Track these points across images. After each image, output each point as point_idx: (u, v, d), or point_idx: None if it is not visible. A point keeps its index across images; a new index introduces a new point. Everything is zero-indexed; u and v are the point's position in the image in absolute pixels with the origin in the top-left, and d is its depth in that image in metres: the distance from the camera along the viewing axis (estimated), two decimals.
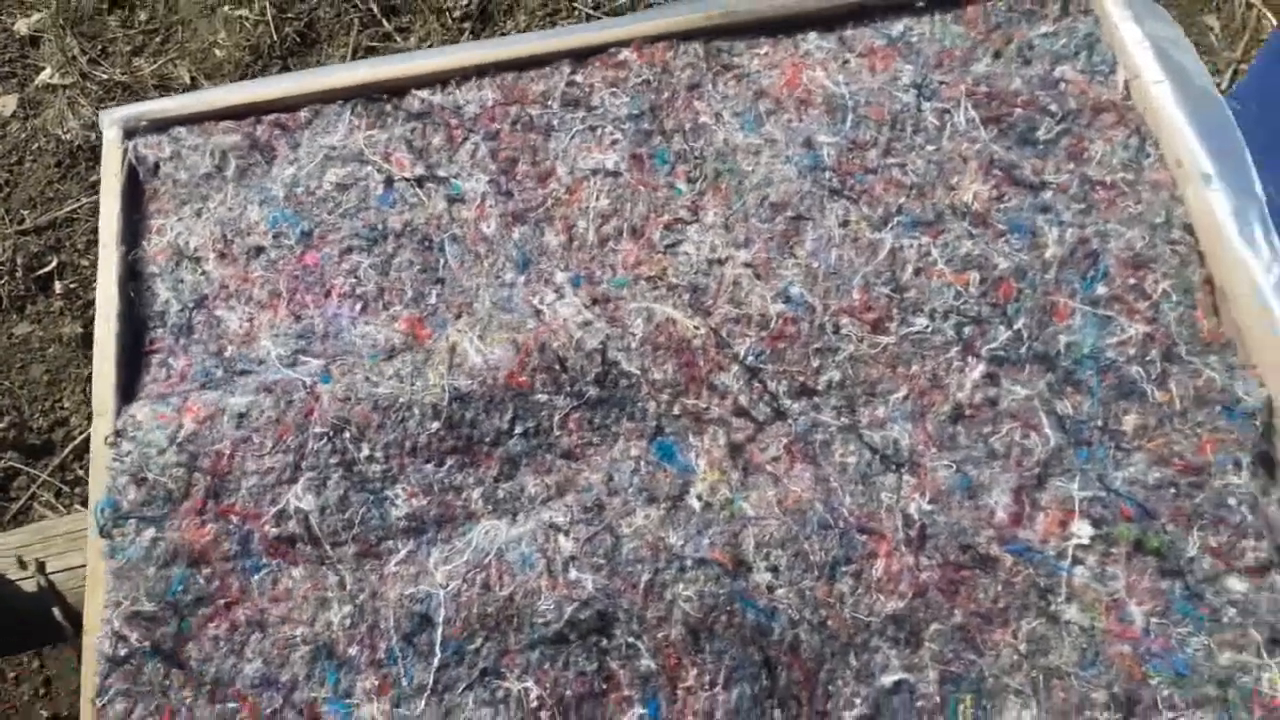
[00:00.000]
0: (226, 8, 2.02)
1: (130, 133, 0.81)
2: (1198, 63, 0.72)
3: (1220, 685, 0.58)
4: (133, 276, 0.77)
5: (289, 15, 2.00)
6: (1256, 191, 0.68)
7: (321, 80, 0.82)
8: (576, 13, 1.75)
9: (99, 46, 1.93)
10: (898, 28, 0.78)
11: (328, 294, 0.73)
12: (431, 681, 0.61)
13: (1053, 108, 0.73)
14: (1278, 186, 1.07)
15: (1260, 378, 0.63)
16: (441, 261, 0.73)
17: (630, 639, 0.60)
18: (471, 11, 1.93)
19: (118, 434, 0.69)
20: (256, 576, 0.66)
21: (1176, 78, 0.72)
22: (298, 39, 1.95)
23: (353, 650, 0.63)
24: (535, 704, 0.60)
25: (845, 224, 0.70)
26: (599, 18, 1.68)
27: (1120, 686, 0.58)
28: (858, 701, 0.60)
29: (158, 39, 2.00)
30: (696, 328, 0.67)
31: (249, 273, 0.76)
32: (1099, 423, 0.63)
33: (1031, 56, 0.76)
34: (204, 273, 0.76)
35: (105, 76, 1.88)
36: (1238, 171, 0.68)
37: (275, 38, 1.94)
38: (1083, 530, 0.60)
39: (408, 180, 0.77)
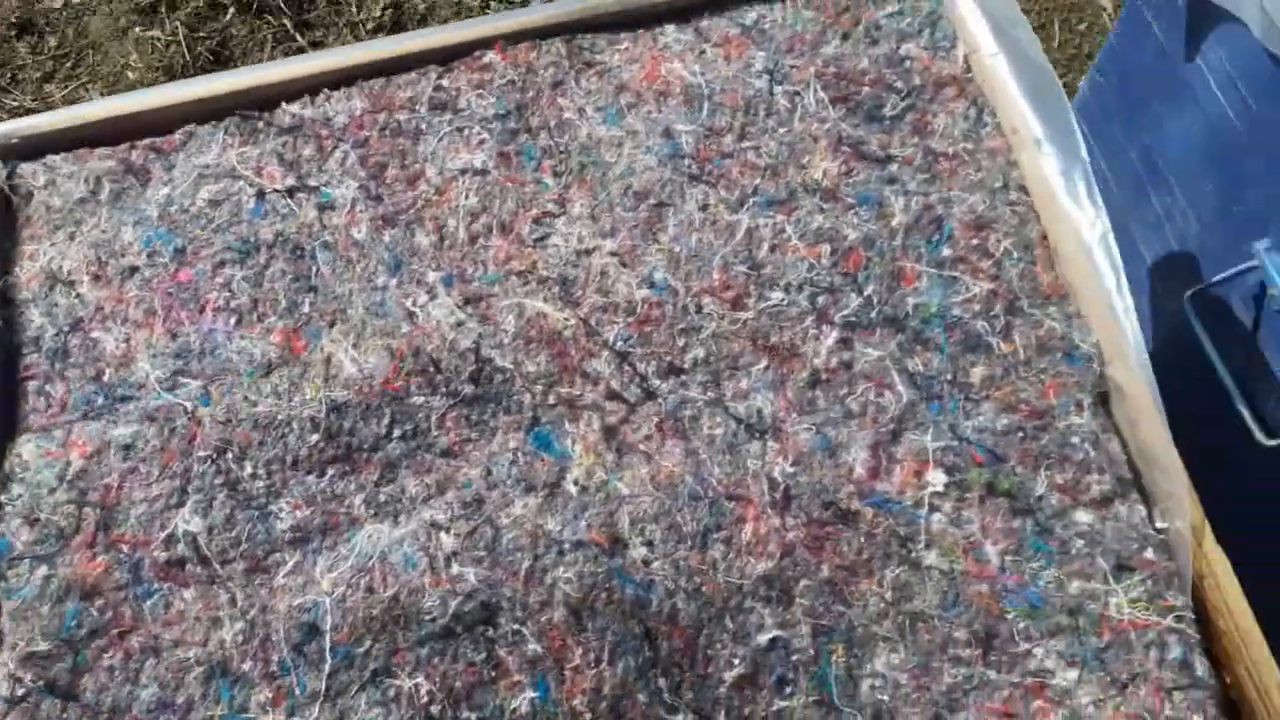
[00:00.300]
0: (138, 29, 2.00)
1: (4, 156, 0.81)
2: (1031, 36, 0.76)
3: (1071, 613, 0.61)
4: (4, 304, 0.76)
5: (201, 34, 1.98)
6: (1081, 154, 0.72)
7: (191, 90, 0.82)
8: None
9: (8, 74, 1.89)
10: (751, 16, 0.81)
11: (202, 309, 0.74)
12: (324, 688, 0.62)
13: (898, 84, 0.77)
14: (1140, 149, 1.13)
15: (1089, 325, 0.68)
16: (314, 270, 0.74)
17: (515, 626, 0.62)
18: (384, 23, 1.93)
19: (6, 478, 0.69)
20: (149, 602, 0.66)
21: (1011, 51, 0.76)
22: (211, 58, 1.93)
23: (246, 665, 0.63)
24: (426, 698, 0.61)
25: (704, 208, 0.73)
26: None
27: (980, 623, 0.62)
28: (736, 661, 0.62)
29: (68, 64, 1.96)
30: (567, 319, 0.69)
31: (124, 293, 0.76)
32: (948, 376, 0.67)
33: (878, 36, 0.79)
34: (78, 295, 0.76)
35: (15, 104, 1.84)
36: (1065, 136, 0.72)
37: (188, 57, 1.92)
38: (937, 479, 0.64)
39: (279, 191, 0.77)
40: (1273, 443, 0.91)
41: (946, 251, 0.70)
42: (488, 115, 0.77)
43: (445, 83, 0.79)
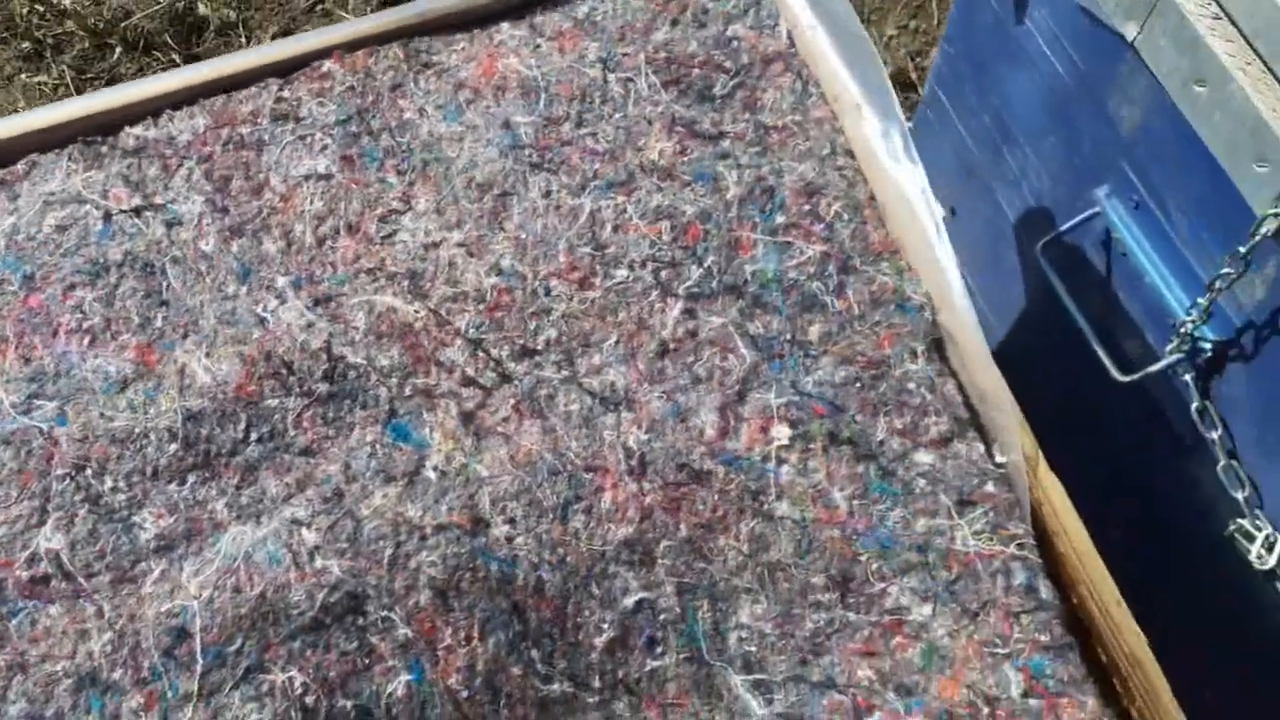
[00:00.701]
0: (24, 76, 1.95)
1: None
2: (846, 6, 0.80)
3: (920, 550, 0.65)
4: None
5: (89, 75, 1.95)
6: (897, 114, 0.75)
7: (34, 120, 0.82)
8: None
9: None
10: (583, 9, 0.83)
11: (55, 333, 0.73)
12: (197, 689, 0.62)
13: (727, 64, 0.80)
14: (991, 111, 1.18)
15: (918, 276, 0.71)
16: (164, 285, 0.74)
17: (384, 612, 0.63)
18: None
19: None
20: (14, 621, 0.65)
21: (828, 22, 0.80)
22: None
23: (116, 674, 0.63)
24: (301, 690, 0.62)
25: (547, 194, 0.75)
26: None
27: (835, 568, 0.65)
28: (605, 626, 0.64)
29: None
30: (417, 311, 0.70)
31: None
32: (788, 336, 0.70)
33: (705, 20, 0.83)
34: None
35: None
36: (882, 98, 0.76)
37: None
38: (782, 433, 0.66)
39: (125, 212, 0.77)
40: (1127, 378, 0.97)
41: (780, 219, 0.73)
42: (329, 122, 0.78)
43: (286, 94, 0.80)
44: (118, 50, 1.93)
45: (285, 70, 0.81)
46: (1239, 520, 0.92)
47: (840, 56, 0.78)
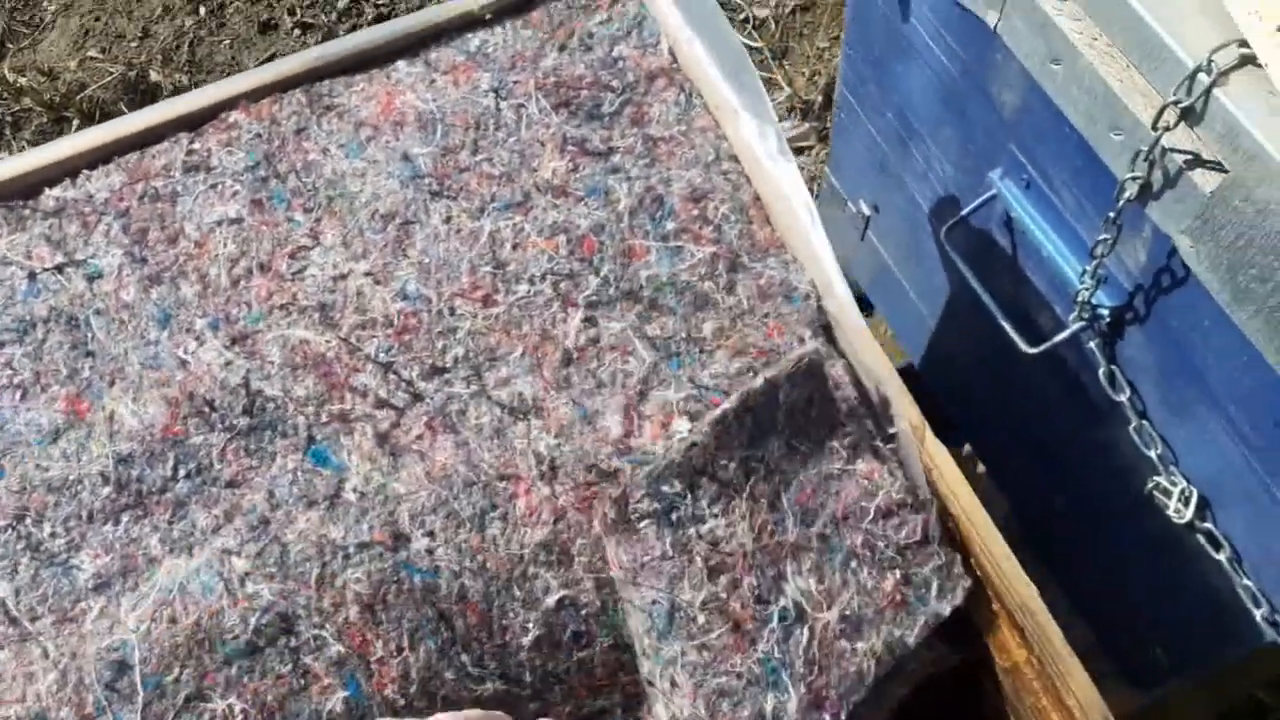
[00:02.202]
0: None
1: None
2: (721, 18, 0.84)
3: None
4: None
5: None
6: (771, 116, 0.80)
7: None
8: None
9: None
10: (475, 42, 0.87)
11: None
12: (139, 719, 0.65)
13: (614, 83, 0.84)
14: (894, 108, 1.23)
15: (802, 267, 0.75)
16: (89, 336, 0.77)
17: (315, 631, 0.66)
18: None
19: None
20: None
21: (706, 34, 0.84)
22: None
23: (63, 713, 0.66)
24: (240, 716, 0.65)
25: (448, 220, 0.78)
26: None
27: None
28: (531, 626, 0.67)
29: None
30: (329, 341, 0.74)
31: None
32: (684, 335, 0.74)
33: (591, 43, 0.87)
34: None
35: None
36: (758, 102, 0.80)
37: None
38: (682, 426, 0.70)
39: (49, 270, 0.80)
40: (1034, 350, 1.01)
41: (670, 225, 0.77)
42: (238, 169, 0.82)
43: (196, 146, 0.84)
44: (75, 122, 1.96)
45: (196, 122, 0.85)
46: (1156, 478, 0.96)
47: (718, 65, 0.82)
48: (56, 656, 0.67)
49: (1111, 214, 0.82)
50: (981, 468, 1.49)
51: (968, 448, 1.51)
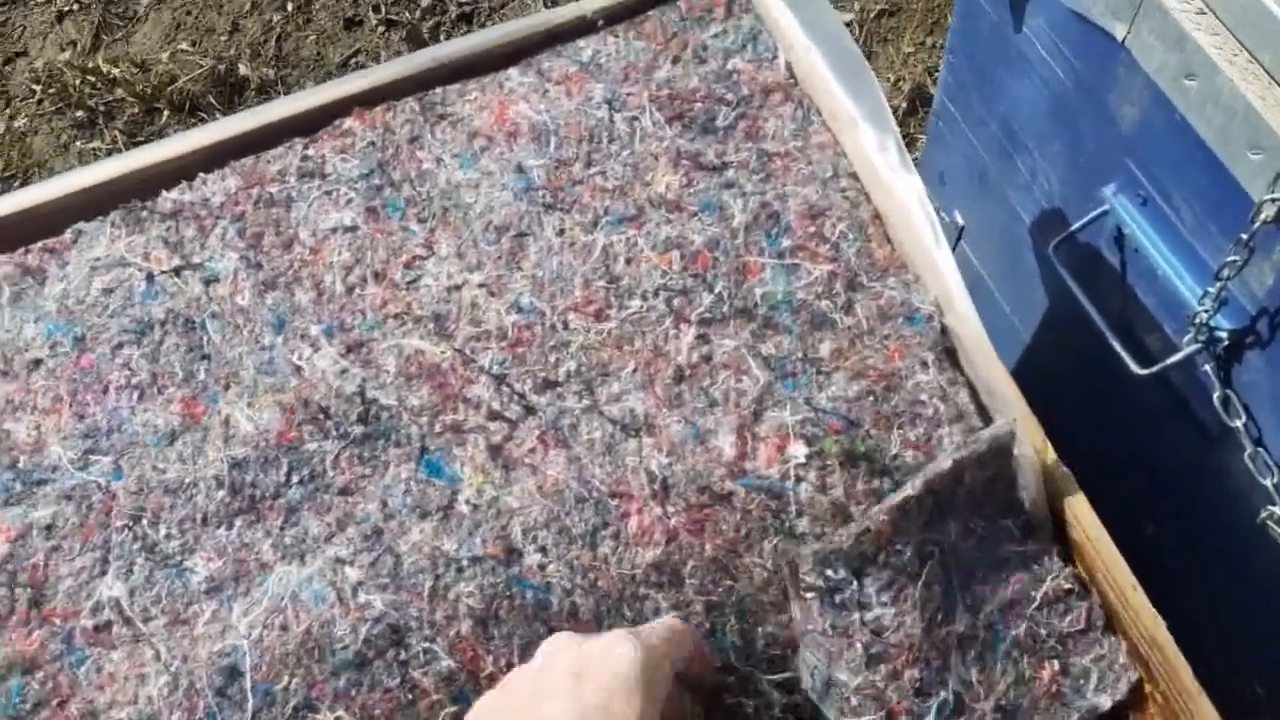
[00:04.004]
0: (79, 143, 2.05)
1: None
2: (839, 25, 0.82)
3: None
4: None
5: (140, 139, 2.04)
6: (892, 126, 0.78)
7: (75, 181, 0.87)
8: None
9: None
10: (587, 53, 0.87)
11: (106, 390, 0.78)
12: None
13: (728, 97, 0.83)
14: (998, 119, 1.20)
15: (925, 287, 0.73)
16: (205, 339, 0.78)
17: (425, 644, 0.66)
18: None
19: None
20: (82, 669, 0.69)
21: (822, 42, 0.82)
22: None
23: (175, 716, 0.67)
24: None
25: (561, 233, 0.78)
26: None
27: None
28: None
29: (16, 184, 2.01)
30: (443, 352, 0.74)
31: (30, 384, 0.79)
32: (799, 355, 0.72)
33: (706, 56, 0.85)
34: None
35: None
36: (877, 112, 0.78)
37: None
38: (799, 451, 0.69)
39: (166, 273, 0.82)
40: (1144, 372, 0.98)
41: (786, 242, 0.76)
42: (353, 176, 0.82)
43: (311, 152, 0.84)
44: (165, 114, 2.02)
45: (305, 123, 0.85)
46: (1270, 507, 0.92)
47: (835, 74, 0.80)
48: (168, 659, 0.68)
49: (1244, 235, 0.79)
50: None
51: None
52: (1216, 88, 0.77)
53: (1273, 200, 0.74)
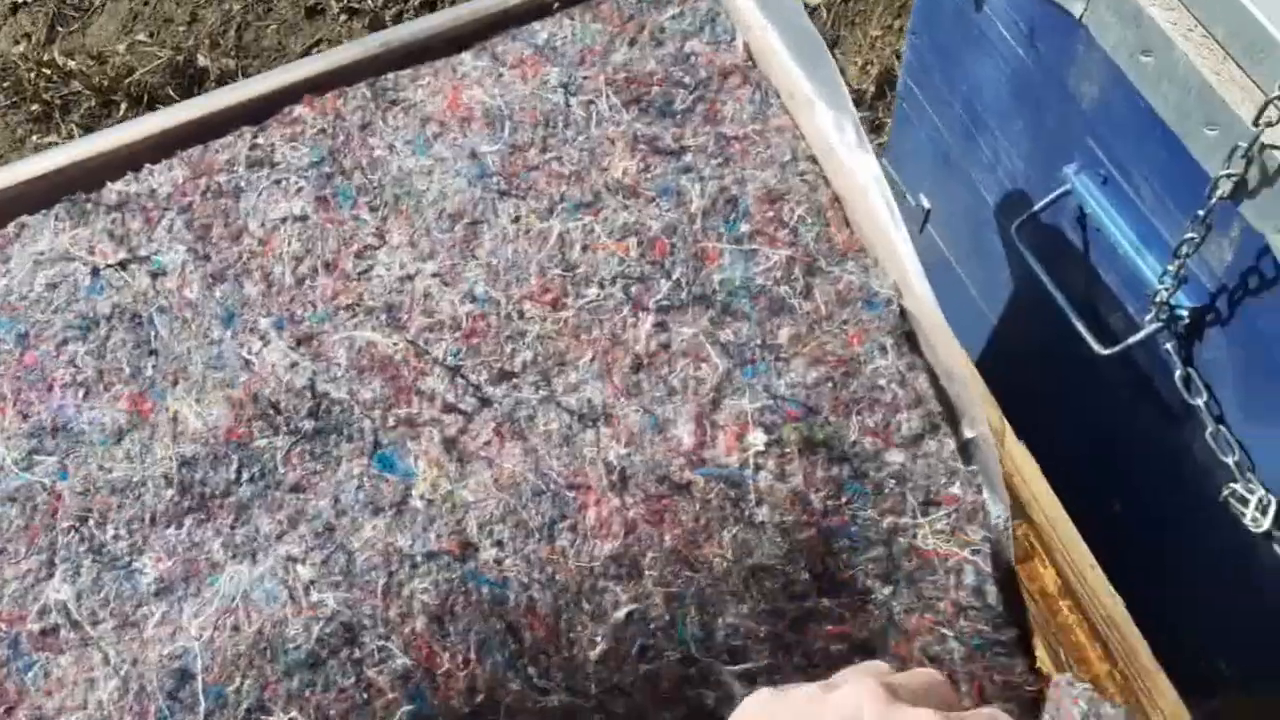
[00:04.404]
0: (35, 138, 2.00)
1: None
2: (797, 5, 0.81)
3: (885, 544, 0.66)
4: None
5: (98, 130, 2.00)
6: (849, 107, 0.77)
7: (24, 170, 0.84)
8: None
9: None
10: (543, 36, 0.85)
11: (51, 388, 0.76)
12: None
13: (686, 80, 0.82)
14: (961, 99, 1.19)
15: (884, 271, 0.73)
16: (153, 334, 0.76)
17: (380, 642, 0.65)
18: None
19: None
20: (29, 674, 0.68)
21: (779, 22, 0.81)
22: None
23: None
24: None
25: (516, 220, 0.76)
26: None
27: (813, 563, 0.66)
28: (599, 639, 0.66)
29: None
30: (395, 344, 0.72)
31: None
32: (758, 341, 0.71)
33: (663, 39, 0.84)
34: None
35: None
36: (834, 93, 0.77)
37: None
38: (758, 439, 0.68)
39: (112, 266, 0.80)
40: (1107, 351, 0.98)
41: (744, 227, 0.75)
42: (303, 165, 0.80)
43: (260, 140, 0.82)
44: (123, 106, 1.97)
45: (254, 110, 0.83)
46: (1232, 485, 0.93)
47: (792, 54, 0.79)
48: (118, 663, 0.66)
49: (1201, 212, 0.79)
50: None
51: (1021, 442, 1.48)
52: (1172, 63, 0.76)
53: (1228, 176, 0.74)
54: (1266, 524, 0.91)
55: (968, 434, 0.71)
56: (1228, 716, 1.25)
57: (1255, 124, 0.70)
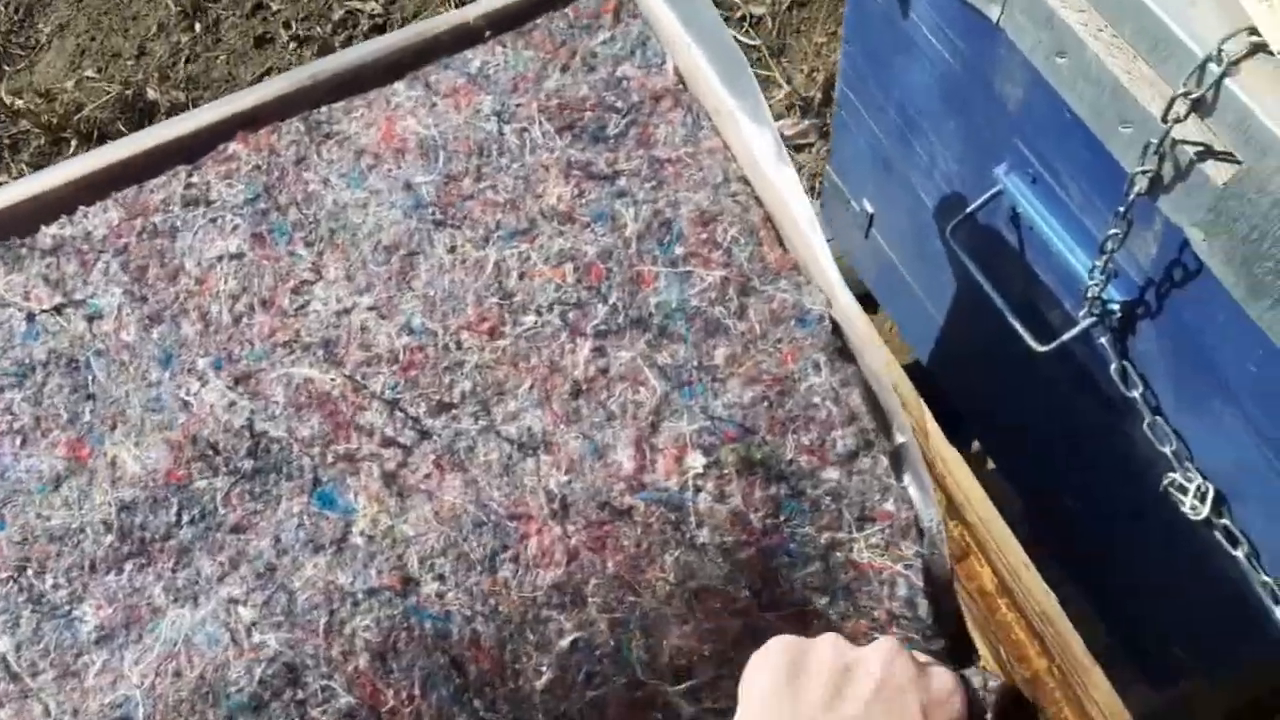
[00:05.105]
0: None
1: None
2: (718, 22, 0.82)
3: (823, 558, 0.67)
4: None
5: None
6: (768, 119, 0.78)
7: None
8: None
9: None
10: (475, 64, 0.85)
11: None
12: None
13: (618, 105, 0.82)
14: (895, 104, 1.21)
15: (816, 288, 0.74)
16: (90, 378, 0.76)
17: (323, 681, 0.64)
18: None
19: None
20: None
21: (701, 38, 0.82)
22: None
23: None
24: None
25: (452, 250, 0.77)
26: None
27: (754, 581, 0.67)
28: (544, 669, 0.66)
29: None
30: (333, 379, 0.72)
31: None
32: (695, 363, 0.72)
33: (595, 64, 0.85)
34: None
35: None
36: (755, 106, 0.78)
37: None
38: (696, 461, 0.68)
39: (47, 311, 0.79)
40: (1044, 348, 1.00)
41: (679, 250, 0.76)
42: (238, 202, 0.80)
43: (195, 179, 0.82)
44: (74, 143, 1.95)
45: (189, 146, 0.83)
46: (1171, 474, 0.95)
47: (715, 70, 0.80)
48: (58, 713, 0.66)
49: (1121, 208, 0.81)
50: (990, 465, 1.48)
51: (976, 444, 1.49)
52: (1085, 63, 0.78)
53: (1144, 172, 0.75)
54: (1205, 511, 0.93)
55: (899, 439, 0.72)
56: (1193, 702, 1.28)
57: (1164, 120, 0.71)
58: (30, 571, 0.69)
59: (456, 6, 2.07)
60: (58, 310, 0.79)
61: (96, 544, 0.69)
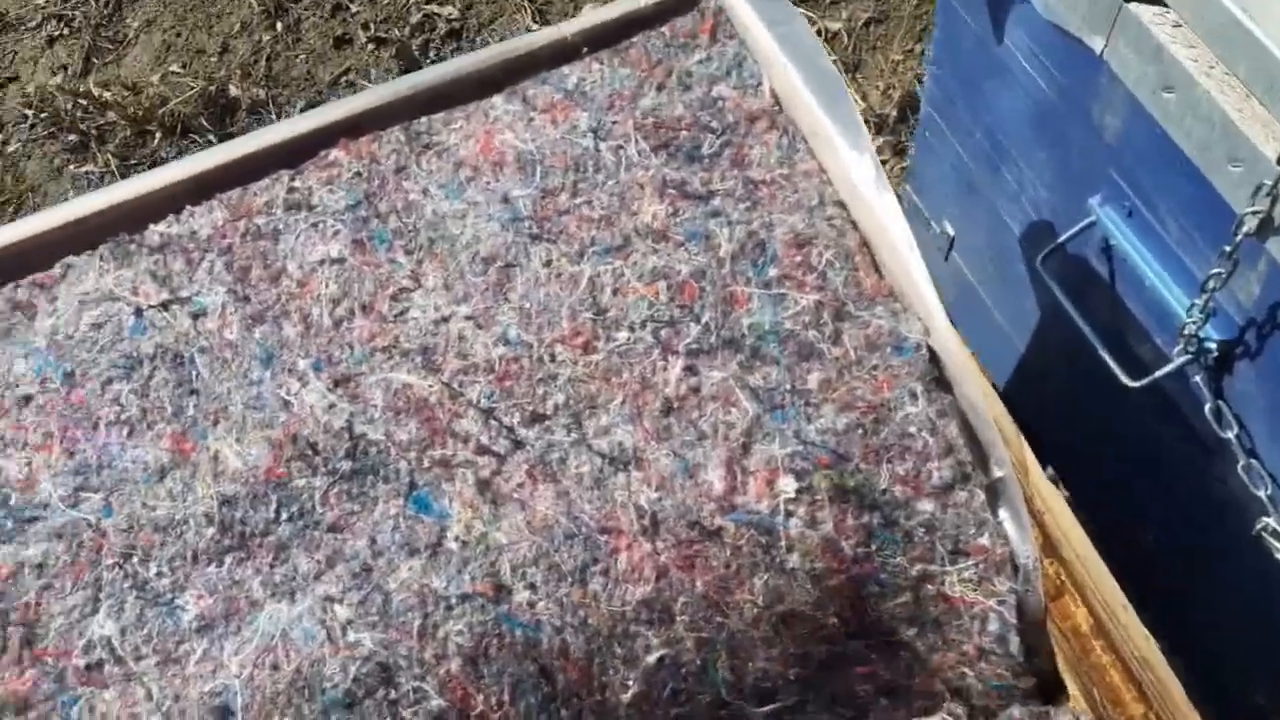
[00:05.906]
0: (72, 167, 2.04)
1: None
2: (816, 44, 0.82)
3: (913, 590, 0.66)
4: None
5: (133, 162, 2.04)
6: (868, 145, 0.78)
7: (68, 212, 0.87)
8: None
9: None
10: (572, 80, 0.87)
11: (96, 426, 0.78)
12: None
13: (713, 124, 0.83)
14: (984, 129, 1.20)
15: (914, 316, 0.73)
16: (194, 374, 0.78)
17: (415, 683, 0.66)
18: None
19: None
20: (74, 709, 0.69)
21: (799, 61, 0.82)
22: None
23: None
24: None
25: (548, 264, 0.78)
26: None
27: (842, 608, 0.67)
28: (631, 683, 0.66)
29: (10, 209, 2.02)
30: (431, 386, 0.74)
31: (21, 420, 0.79)
32: (788, 386, 0.72)
33: (690, 83, 0.85)
34: None
35: None
36: (853, 131, 0.78)
37: None
38: (788, 485, 0.69)
39: (154, 307, 0.82)
40: (1136, 384, 0.98)
41: (773, 271, 0.76)
42: (339, 208, 0.82)
43: (297, 184, 0.84)
44: (157, 136, 2.01)
45: (291, 150, 0.85)
46: (1265, 519, 0.92)
47: (813, 93, 0.80)
48: (160, 698, 0.68)
49: (1228, 248, 0.79)
50: (1065, 492, 1.46)
51: (1050, 470, 1.47)
52: (1194, 100, 0.77)
53: (1254, 213, 0.74)
54: None
55: (997, 473, 0.71)
56: None
57: (1279, 162, 0.70)
58: (135, 559, 0.72)
59: (533, 16, 2.10)
60: (164, 306, 0.82)
61: (199, 535, 0.71)
